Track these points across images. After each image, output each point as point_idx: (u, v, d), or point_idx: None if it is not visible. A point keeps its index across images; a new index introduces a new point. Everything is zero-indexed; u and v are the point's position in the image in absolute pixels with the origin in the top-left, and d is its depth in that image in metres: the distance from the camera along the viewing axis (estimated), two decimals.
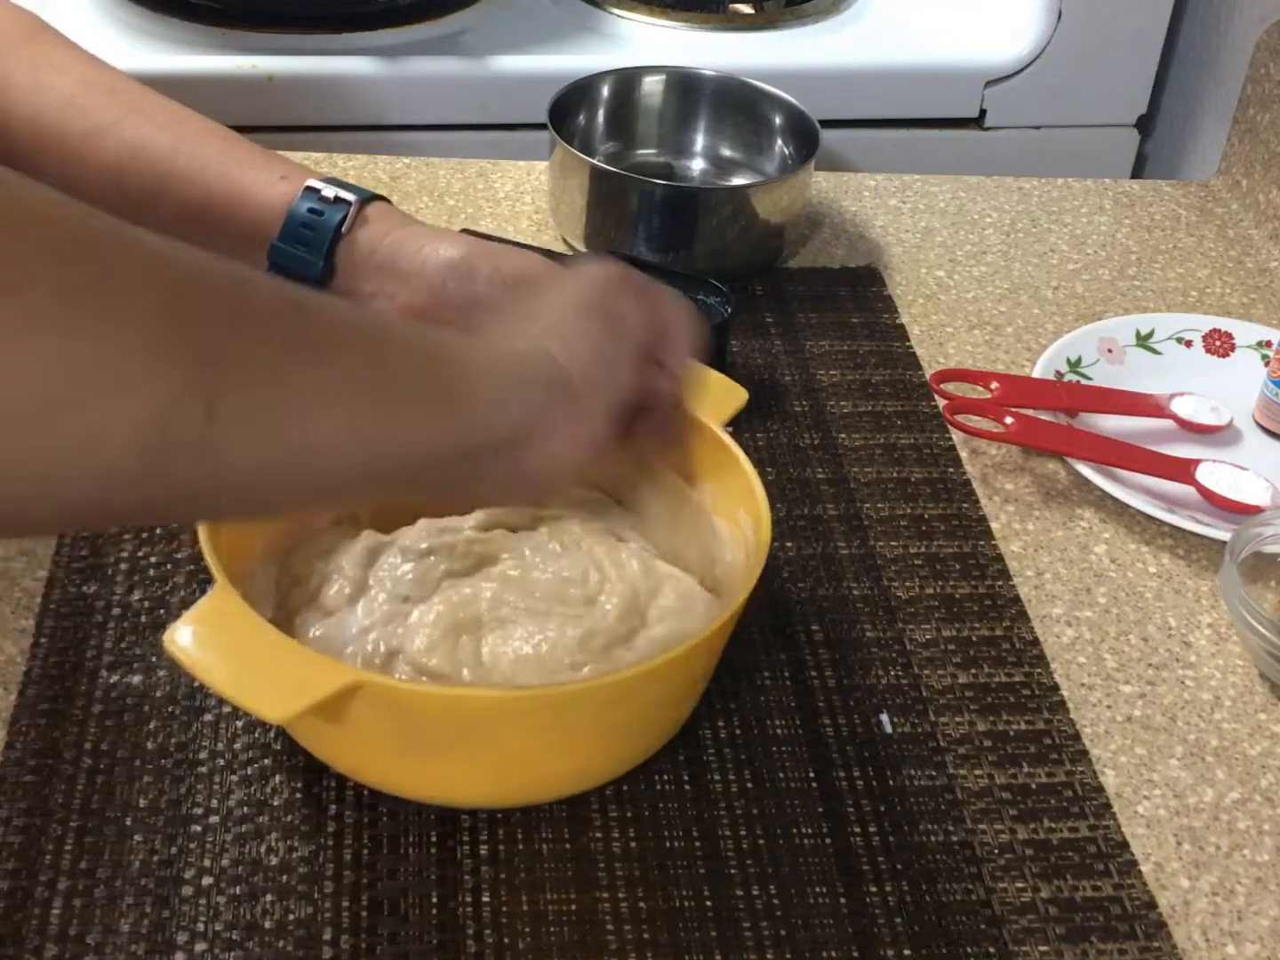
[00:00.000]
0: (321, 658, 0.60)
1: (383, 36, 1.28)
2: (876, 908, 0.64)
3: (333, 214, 0.75)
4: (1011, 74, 1.33)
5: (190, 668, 0.57)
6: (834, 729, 0.71)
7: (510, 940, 0.62)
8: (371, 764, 0.65)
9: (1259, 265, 1.11)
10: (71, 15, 1.27)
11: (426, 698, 0.61)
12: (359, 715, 0.59)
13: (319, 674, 0.58)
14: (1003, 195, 1.17)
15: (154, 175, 0.76)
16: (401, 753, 0.63)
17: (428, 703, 0.60)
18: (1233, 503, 0.86)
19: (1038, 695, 0.74)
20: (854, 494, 0.86)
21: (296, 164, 0.79)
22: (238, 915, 0.62)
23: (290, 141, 1.19)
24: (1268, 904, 0.66)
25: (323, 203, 0.76)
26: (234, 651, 0.58)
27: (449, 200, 1.09)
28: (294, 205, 0.76)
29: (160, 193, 0.76)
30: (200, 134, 0.77)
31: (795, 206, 1.04)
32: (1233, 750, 0.73)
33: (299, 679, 0.57)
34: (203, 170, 0.76)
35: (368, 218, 0.76)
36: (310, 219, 0.75)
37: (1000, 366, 0.98)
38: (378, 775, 0.66)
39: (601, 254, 0.98)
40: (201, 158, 0.76)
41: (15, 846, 0.63)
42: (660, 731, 0.68)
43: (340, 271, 0.76)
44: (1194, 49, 1.37)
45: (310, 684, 0.57)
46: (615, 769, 0.67)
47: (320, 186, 0.76)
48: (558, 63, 1.25)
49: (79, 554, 0.77)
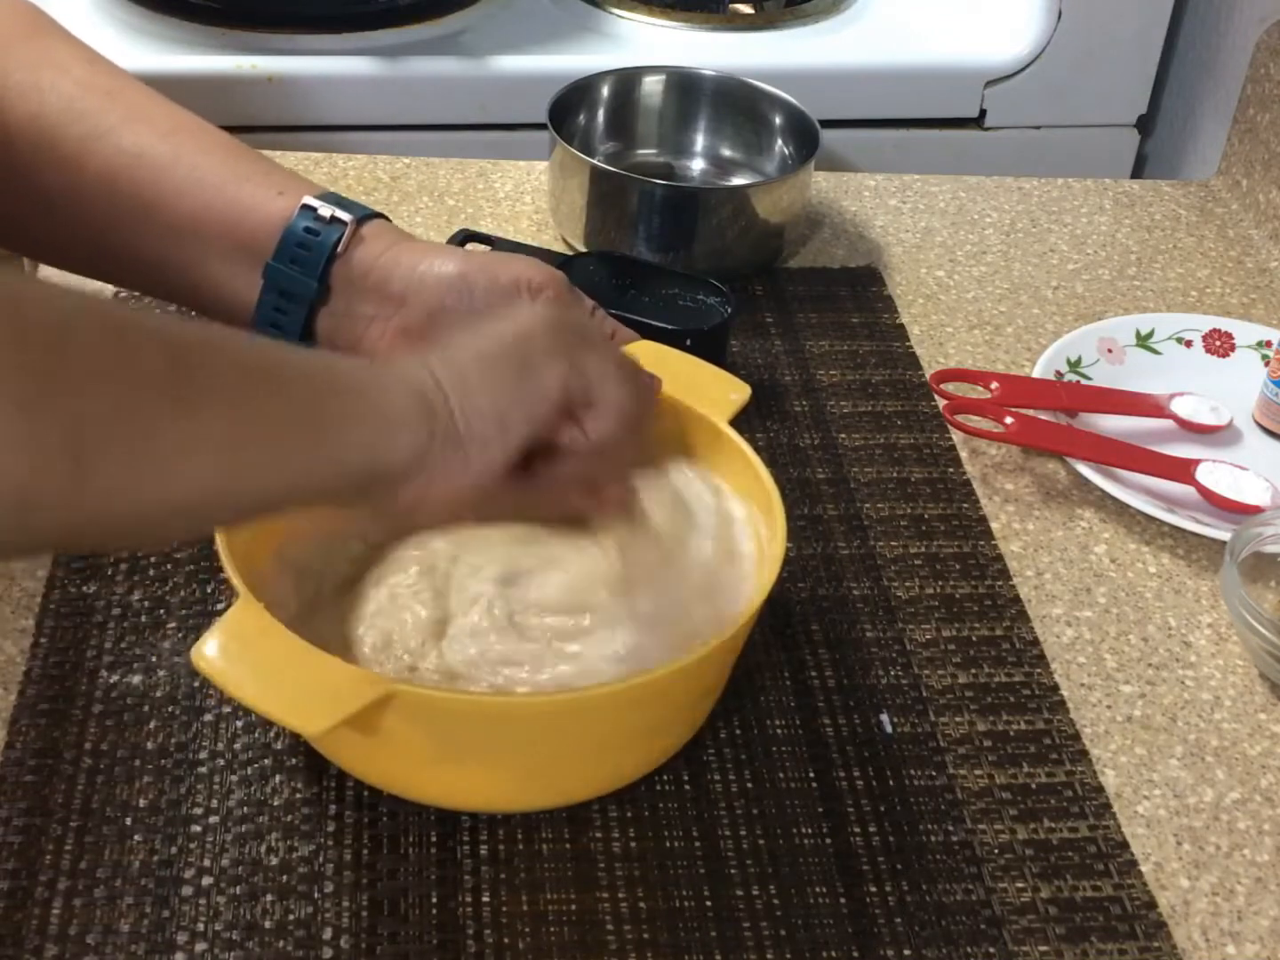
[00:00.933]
0: (354, 668, 0.60)
1: (383, 36, 1.28)
2: (876, 908, 0.64)
3: (329, 234, 0.74)
4: (1011, 74, 1.33)
5: (221, 684, 0.57)
6: (834, 729, 0.71)
7: (510, 940, 0.62)
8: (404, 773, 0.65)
9: (1259, 265, 1.11)
10: (71, 15, 1.26)
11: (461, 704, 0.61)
12: (392, 725, 0.59)
13: (353, 685, 0.57)
14: (1003, 195, 1.17)
15: (150, 186, 0.75)
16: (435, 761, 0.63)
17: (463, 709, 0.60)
18: (1233, 503, 0.86)
19: (1038, 695, 0.74)
20: (854, 494, 0.86)
21: (296, 177, 0.78)
22: (238, 915, 0.62)
23: (290, 141, 1.20)
24: (1268, 904, 0.66)
25: (319, 222, 0.74)
26: (264, 665, 0.57)
27: (449, 200, 1.09)
28: (290, 224, 0.74)
29: (156, 204, 0.75)
30: (199, 143, 0.76)
31: (795, 206, 1.04)
32: (1233, 750, 0.73)
33: (333, 690, 0.57)
34: (199, 184, 0.75)
35: (363, 237, 0.75)
36: (306, 239, 0.74)
37: (1000, 366, 0.98)
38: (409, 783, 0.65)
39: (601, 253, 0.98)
40: (199, 170, 0.75)
41: (15, 846, 0.63)
42: (686, 729, 0.68)
43: (335, 293, 0.75)
44: (1194, 49, 1.37)
45: (345, 695, 0.56)
46: (642, 769, 0.67)
47: (317, 205, 0.75)
48: (558, 63, 1.25)
49: (79, 554, 0.77)
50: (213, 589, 0.75)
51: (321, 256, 0.74)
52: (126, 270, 0.80)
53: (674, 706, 0.66)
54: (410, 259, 0.74)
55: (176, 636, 0.73)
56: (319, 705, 0.56)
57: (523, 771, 0.64)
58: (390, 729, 0.59)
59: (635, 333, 0.79)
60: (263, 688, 0.57)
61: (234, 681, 0.57)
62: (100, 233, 0.76)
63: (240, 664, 0.57)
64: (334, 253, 0.74)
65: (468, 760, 0.63)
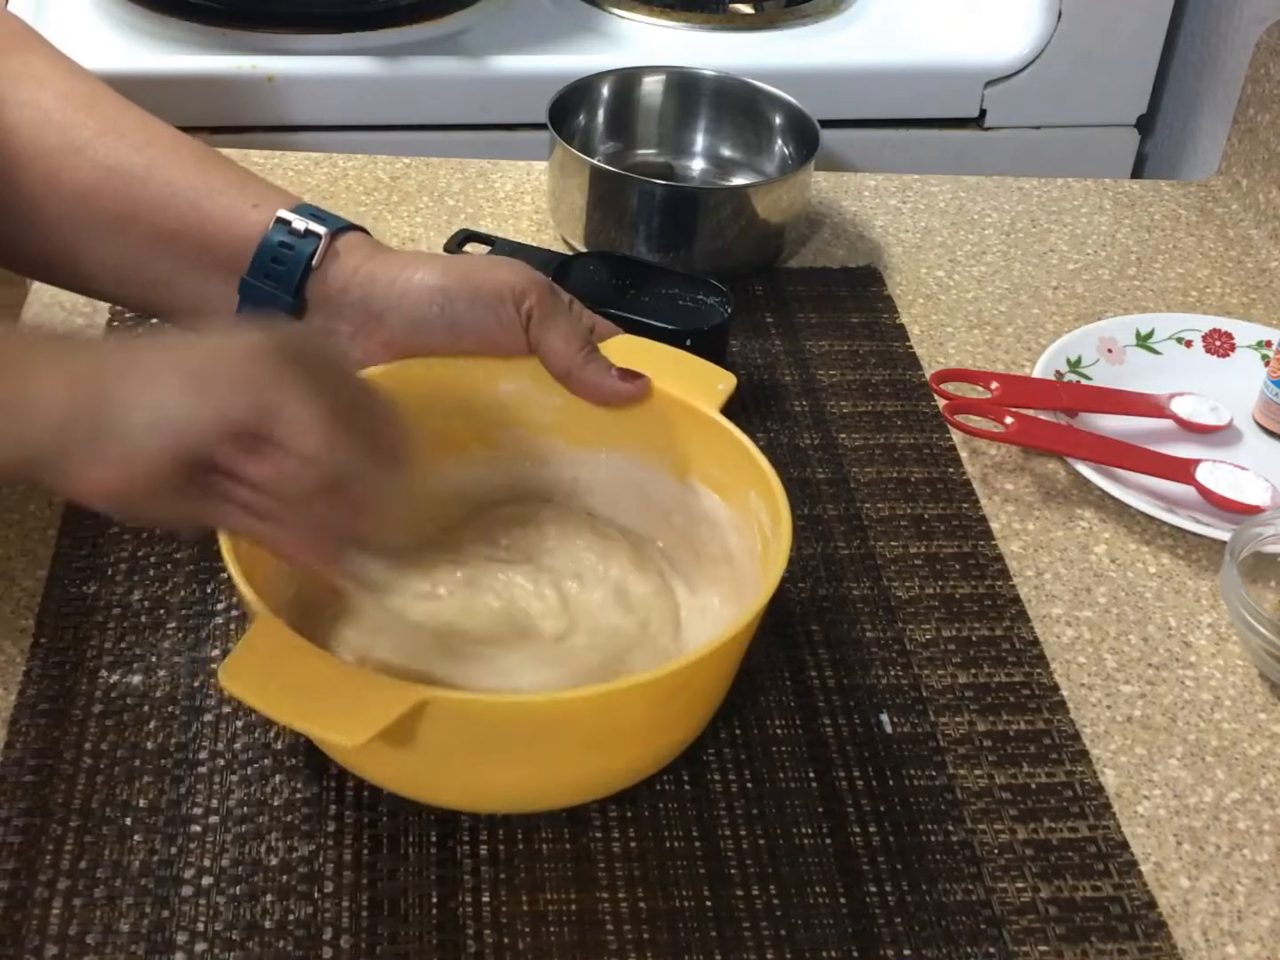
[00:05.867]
0: (385, 679, 0.60)
1: (383, 36, 1.28)
2: (876, 908, 0.64)
3: (303, 248, 0.73)
4: (1011, 74, 1.33)
5: (254, 704, 0.57)
6: (834, 729, 0.71)
7: (510, 940, 0.62)
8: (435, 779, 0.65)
9: (1259, 265, 1.11)
10: (71, 15, 1.27)
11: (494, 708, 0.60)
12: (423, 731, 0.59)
13: (386, 695, 0.57)
14: (1003, 195, 1.17)
15: (126, 200, 0.75)
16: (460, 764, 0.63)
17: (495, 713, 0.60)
18: (1233, 503, 0.86)
19: (1038, 695, 0.74)
20: (854, 494, 0.86)
21: (272, 189, 0.77)
22: (238, 915, 0.62)
23: (290, 141, 1.20)
24: (1268, 904, 0.66)
25: (293, 235, 0.74)
26: (295, 683, 0.57)
27: (449, 200, 1.09)
28: (264, 238, 0.74)
29: (132, 219, 0.75)
30: (173, 156, 0.76)
31: (795, 206, 1.04)
32: (1233, 750, 0.73)
33: (368, 702, 0.57)
34: (173, 198, 0.74)
35: (338, 251, 0.74)
36: (280, 253, 0.73)
37: (1000, 366, 0.98)
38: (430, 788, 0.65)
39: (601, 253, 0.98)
40: (172, 184, 0.75)
41: (15, 846, 0.63)
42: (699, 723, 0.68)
43: (313, 308, 0.74)
44: (1194, 49, 1.37)
45: (380, 706, 0.56)
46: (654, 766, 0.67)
47: (291, 219, 0.74)
48: (558, 63, 1.25)
49: (79, 554, 0.77)
50: (213, 589, 0.75)
51: (296, 271, 0.73)
52: (108, 285, 0.79)
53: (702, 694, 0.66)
54: (388, 273, 0.73)
55: (176, 636, 0.73)
56: (357, 718, 0.56)
57: (549, 771, 0.64)
58: (420, 735, 0.59)
59: (616, 326, 0.78)
60: (299, 705, 0.57)
61: (268, 701, 0.57)
62: (79, 248, 0.76)
63: (271, 683, 0.57)
64: (309, 267, 0.74)
65: (492, 761, 0.63)
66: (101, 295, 0.84)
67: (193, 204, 0.75)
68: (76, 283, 0.82)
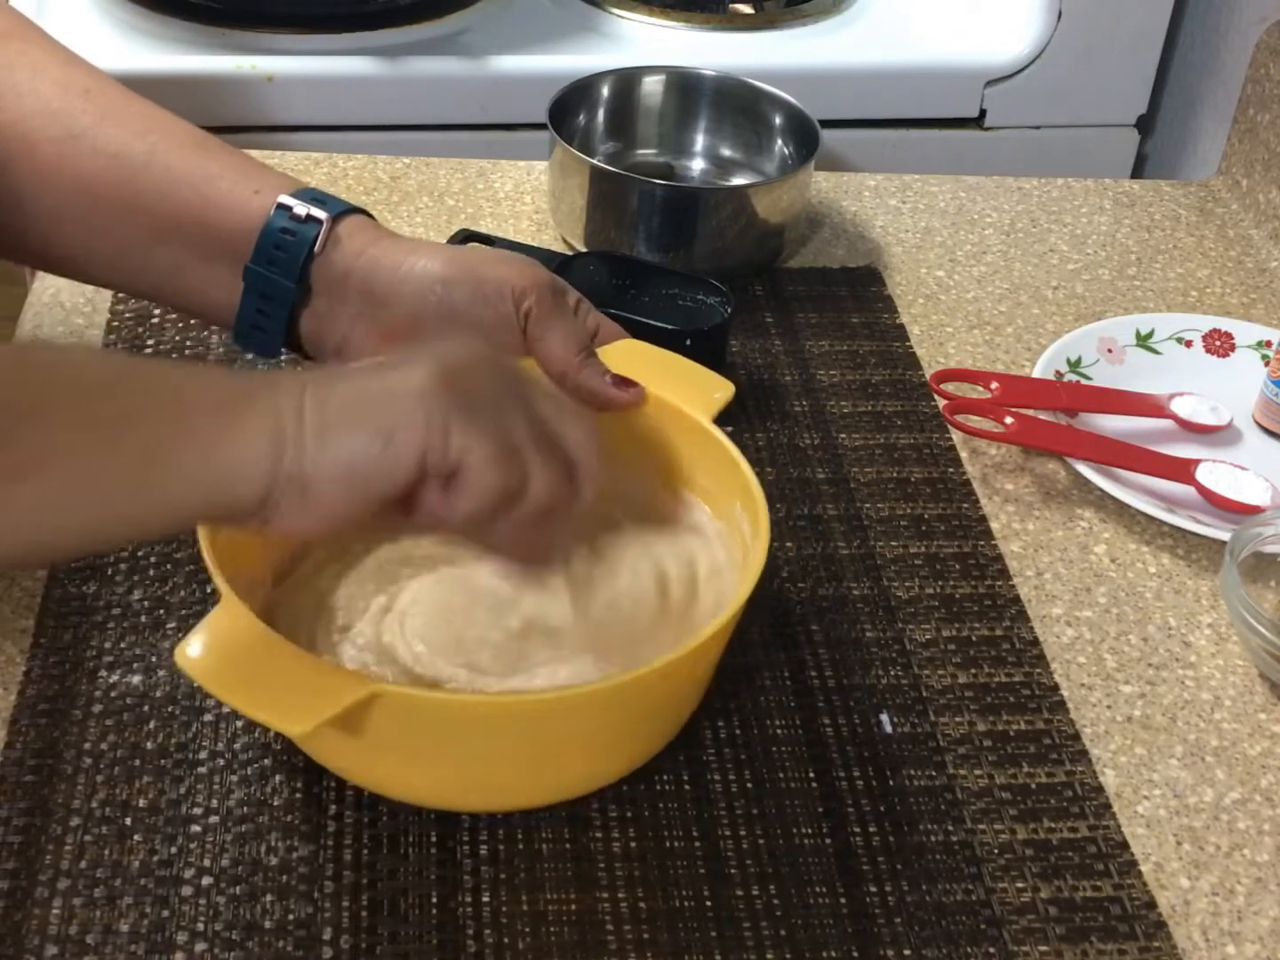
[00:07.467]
0: (339, 668, 0.60)
1: (383, 36, 1.28)
2: (876, 908, 0.64)
3: (305, 233, 0.73)
4: (1011, 74, 1.33)
5: (205, 684, 0.57)
6: (834, 729, 0.71)
7: (510, 940, 0.62)
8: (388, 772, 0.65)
9: (1259, 265, 1.11)
10: (71, 15, 1.27)
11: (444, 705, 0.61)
12: (376, 724, 0.59)
13: (337, 685, 0.57)
14: (1003, 195, 1.17)
15: (128, 187, 0.74)
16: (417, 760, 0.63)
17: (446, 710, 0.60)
18: (1233, 503, 0.86)
19: (1038, 695, 0.74)
20: (854, 494, 0.86)
21: (273, 174, 0.77)
22: (238, 915, 0.62)
23: (290, 141, 1.20)
24: (1268, 904, 0.66)
25: (295, 221, 0.73)
26: (248, 666, 0.57)
27: (449, 200, 1.09)
28: (266, 224, 0.73)
29: (133, 206, 0.74)
30: (174, 142, 0.75)
31: (795, 206, 1.04)
32: (1233, 750, 0.73)
33: (317, 691, 0.57)
34: (174, 184, 0.74)
35: (340, 236, 0.74)
36: (282, 239, 0.73)
37: (1000, 366, 0.98)
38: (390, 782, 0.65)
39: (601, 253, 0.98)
40: (174, 170, 0.74)
41: (15, 846, 0.63)
42: (667, 729, 0.68)
43: (316, 293, 0.74)
44: (1194, 49, 1.37)
45: (329, 695, 0.56)
46: (625, 767, 0.67)
47: (292, 204, 0.74)
48: (558, 63, 1.25)
49: None
50: (212, 589, 0.75)
51: (299, 257, 0.73)
52: (113, 274, 0.79)
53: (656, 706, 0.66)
54: (391, 259, 0.73)
55: (176, 636, 0.73)
56: (303, 706, 0.56)
57: (509, 770, 0.64)
58: (375, 729, 0.59)
59: (620, 328, 0.78)
60: (248, 688, 0.57)
61: (218, 682, 0.57)
62: (84, 237, 0.76)
63: (224, 664, 0.57)
64: (311, 252, 0.73)
65: (449, 760, 0.63)
66: (107, 284, 0.84)
67: (194, 189, 0.74)
68: (82, 273, 0.81)
